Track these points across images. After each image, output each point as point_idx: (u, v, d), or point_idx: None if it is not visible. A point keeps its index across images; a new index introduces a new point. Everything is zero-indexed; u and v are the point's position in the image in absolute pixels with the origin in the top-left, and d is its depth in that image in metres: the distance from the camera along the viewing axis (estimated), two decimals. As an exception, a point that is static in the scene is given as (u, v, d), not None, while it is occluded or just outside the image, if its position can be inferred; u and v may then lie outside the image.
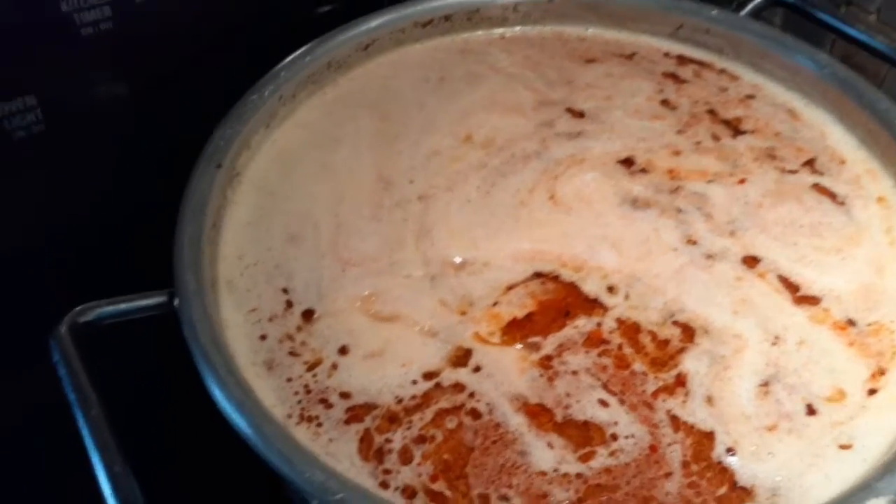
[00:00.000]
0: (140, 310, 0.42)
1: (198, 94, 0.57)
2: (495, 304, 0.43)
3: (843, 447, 0.37)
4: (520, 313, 0.43)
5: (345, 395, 0.39)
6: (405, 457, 0.37)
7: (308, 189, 0.49)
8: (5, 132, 0.51)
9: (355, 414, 0.39)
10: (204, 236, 0.44)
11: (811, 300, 0.43)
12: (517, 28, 0.61)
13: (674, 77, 0.57)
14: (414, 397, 0.39)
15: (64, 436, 0.38)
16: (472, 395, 0.39)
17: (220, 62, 0.57)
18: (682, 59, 0.58)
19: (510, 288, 0.44)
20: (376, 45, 0.58)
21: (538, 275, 0.44)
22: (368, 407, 0.39)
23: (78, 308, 0.41)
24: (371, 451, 0.37)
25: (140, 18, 0.53)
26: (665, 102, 0.55)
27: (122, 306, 0.42)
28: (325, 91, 0.56)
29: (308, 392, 0.40)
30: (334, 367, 0.41)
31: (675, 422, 0.38)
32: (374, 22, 0.57)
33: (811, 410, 0.38)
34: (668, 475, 0.36)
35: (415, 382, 0.40)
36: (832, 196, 0.48)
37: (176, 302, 0.40)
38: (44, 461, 0.53)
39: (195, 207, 0.44)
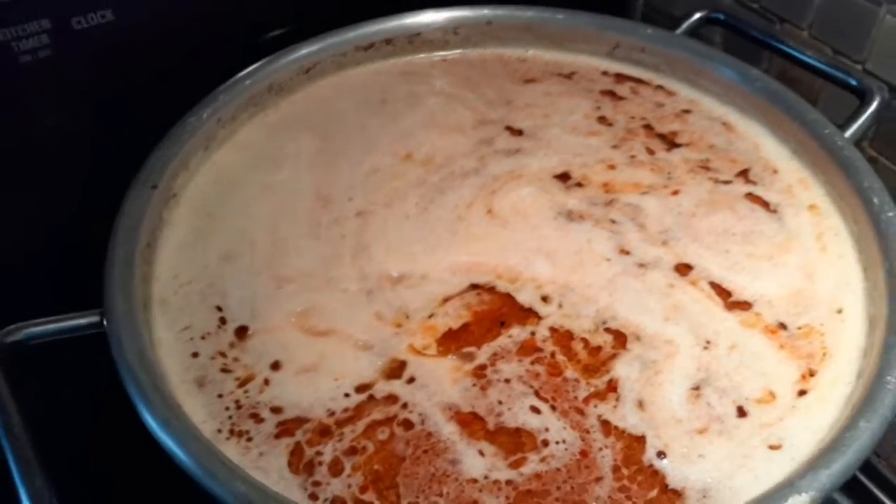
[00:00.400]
0: (70, 330, 0.42)
1: (140, 120, 0.57)
2: (431, 315, 0.43)
3: (773, 447, 0.37)
4: (455, 324, 0.43)
5: (276, 410, 0.39)
6: (335, 469, 0.37)
7: (246, 209, 0.49)
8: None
9: (286, 428, 0.38)
10: (137, 256, 0.43)
11: (743, 305, 0.43)
12: (458, 51, 0.62)
13: (611, 94, 0.58)
14: (346, 410, 0.39)
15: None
16: (404, 405, 0.39)
17: (165, 89, 0.57)
18: (620, 77, 0.59)
19: (446, 300, 0.44)
20: (318, 69, 0.58)
21: (475, 287, 0.44)
22: (300, 421, 0.39)
23: (5, 328, 0.40)
24: (301, 463, 0.37)
25: (79, 45, 0.53)
26: (602, 119, 0.56)
27: (52, 326, 0.41)
28: (266, 113, 0.56)
29: (239, 407, 0.39)
30: (266, 382, 0.40)
31: (606, 427, 0.38)
32: (316, 46, 0.58)
33: (742, 412, 0.39)
34: (598, 480, 0.36)
35: (347, 395, 0.39)
36: (765, 205, 0.49)
37: (105, 321, 0.40)
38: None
39: (128, 227, 0.44)
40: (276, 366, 0.41)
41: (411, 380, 0.40)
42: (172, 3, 0.56)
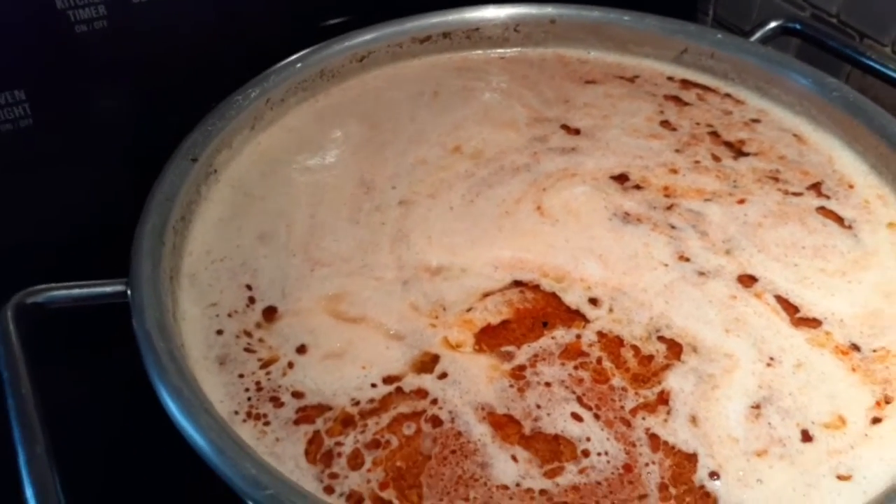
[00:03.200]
0: (94, 297, 0.40)
1: (193, 96, 0.56)
2: (469, 309, 0.40)
3: (842, 478, 0.33)
4: (494, 320, 0.40)
5: (297, 395, 0.37)
6: (355, 462, 0.34)
7: (286, 191, 0.48)
8: (-8, 124, 0.51)
9: (306, 415, 0.36)
10: (169, 227, 0.42)
11: (811, 322, 0.39)
12: (517, 49, 0.59)
13: (676, 99, 0.55)
14: (372, 401, 0.36)
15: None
16: (434, 401, 0.36)
17: (218, 65, 0.56)
18: (686, 83, 0.56)
19: (487, 295, 0.41)
20: (372, 58, 0.57)
21: (518, 283, 0.42)
22: (321, 408, 0.36)
23: (29, 289, 0.39)
24: (319, 453, 0.34)
25: (136, 18, 0.53)
26: (665, 123, 0.52)
27: (75, 291, 0.40)
28: (316, 99, 0.55)
29: (259, 389, 0.37)
30: (290, 365, 0.38)
31: (655, 441, 0.34)
32: (371, 35, 0.57)
33: (807, 436, 0.35)
34: (642, 497, 0.33)
35: (374, 386, 0.37)
36: (839, 220, 0.45)
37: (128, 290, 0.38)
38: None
39: (161, 197, 0.43)
40: (301, 349, 0.39)
41: (443, 375, 0.37)
42: (229, -17, 0.55)
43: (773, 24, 0.58)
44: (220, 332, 0.39)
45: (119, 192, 0.54)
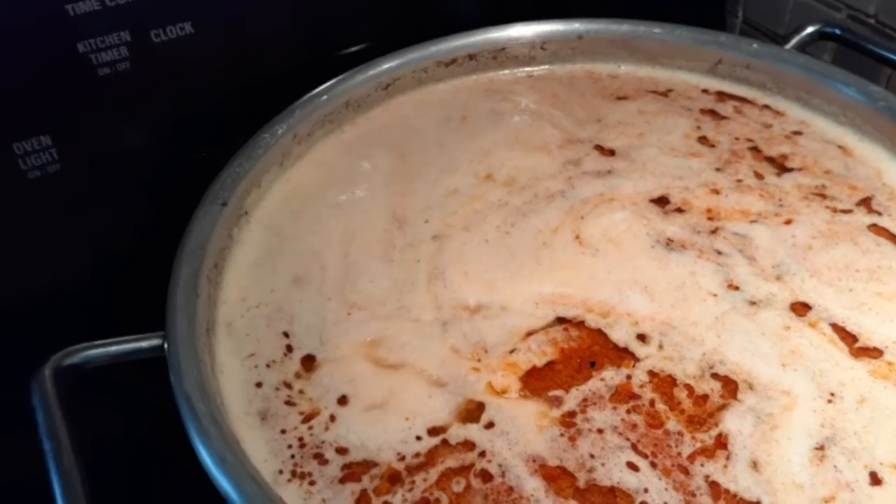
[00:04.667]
0: (131, 353, 0.39)
1: (216, 135, 0.56)
2: (512, 351, 0.39)
3: (917, 524, 0.31)
4: (539, 362, 0.38)
5: (341, 451, 0.36)
6: (404, 522, 0.33)
7: (318, 229, 0.47)
8: (21, 171, 0.50)
9: (352, 472, 0.35)
10: (202, 277, 0.41)
11: (872, 352, 0.38)
12: (545, 67, 0.58)
13: (713, 113, 0.53)
14: (418, 455, 0.35)
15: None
16: (482, 454, 0.35)
17: (241, 103, 0.56)
18: (722, 96, 0.54)
19: (529, 334, 0.40)
20: (397, 85, 0.56)
21: (561, 320, 0.40)
22: (367, 465, 0.35)
23: (65, 350, 0.39)
24: (367, 514, 0.33)
25: (157, 59, 0.52)
26: (703, 139, 0.51)
27: (112, 349, 0.39)
28: (342, 130, 0.54)
29: (302, 446, 0.36)
30: (332, 418, 0.37)
31: (715, 489, 0.33)
32: (396, 61, 0.55)
33: (876, 479, 0.33)
34: (706, 552, 0.31)
35: (419, 438, 0.36)
36: (892, 237, 0.43)
37: (165, 345, 0.37)
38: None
39: (193, 247, 0.42)
40: (342, 400, 0.38)
41: (490, 425, 0.36)
42: (251, 16, 0.54)
43: (810, 30, 0.56)
44: (259, 385, 0.39)
45: (150, 234, 0.54)
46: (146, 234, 0.55)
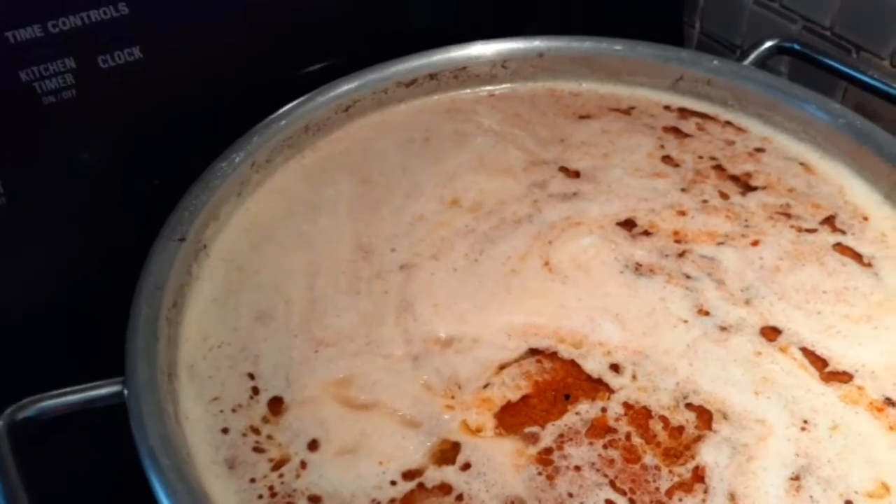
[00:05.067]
0: (89, 401, 0.38)
1: (170, 163, 0.54)
2: (486, 385, 0.38)
3: (893, 553, 0.32)
4: (514, 396, 0.38)
5: (314, 499, 0.35)
6: (382, 574, 0.32)
7: (281, 261, 0.45)
8: (-35, 206, 0.48)
9: (326, 522, 0.34)
10: (161, 319, 0.39)
11: (842, 376, 0.38)
12: (506, 85, 0.57)
13: (675, 131, 0.53)
14: (393, 501, 0.34)
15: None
16: (459, 497, 0.34)
17: (195, 129, 0.54)
18: (684, 112, 0.55)
19: (503, 367, 0.39)
20: (358, 107, 0.55)
21: (534, 351, 0.40)
22: (341, 513, 0.34)
23: (17, 403, 0.37)
24: (343, 567, 0.32)
25: (105, 85, 0.50)
26: (667, 159, 0.51)
27: (70, 398, 0.38)
28: (303, 155, 0.52)
29: (273, 495, 0.35)
30: (303, 465, 0.36)
31: (695, 525, 0.33)
32: (355, 83, 0.54)
33: (852, 509, 0.33)
34: (688, 592, 0.31)
35: (394, 483, 0.35)
36: (857, 257, 0.44)
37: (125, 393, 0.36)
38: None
39: (151, 286, 0.40)
40: (313, 445, 0.37)
41: (466, 466, 0.35)
42: (202, 40, 0.52)
43: (768, 44, 0.56)
44: (226, 431, 0.37)
45: (103, 268, 0.52)
46: (99, 267, 0.53)
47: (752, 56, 0.56)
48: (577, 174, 0.50)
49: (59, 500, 0.35)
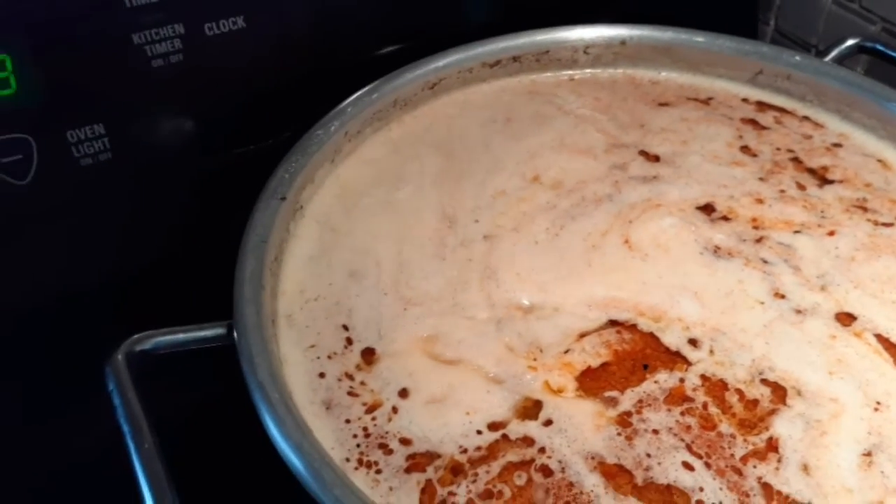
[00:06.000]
0: (198, 341, 0.41)
1: (266, 129, 0.57)
2: (567, 351, 0.40)
3: (962, 529, 0.33)
4: (594, 363, 0.40)
5: (405, 442, 0.37)
6: (470, 513, 0.34)
7: (371, 226, 0.48)
8: (74, 158, 0.51)
9: (416, 462, 0.36)
10: (266, 269, 0.42)
11: (915, 363, 0.39)
12: (587, 70, 0.59)
13: (753, 123, 0.54)
14: (479, 448, 0.37)
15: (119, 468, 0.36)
16: (542, 450, 0.36)
17: (289, 98, 0.57)
18: (762, 105, 0.56)
19: (583, 336, 0.41)
20: (443, 85, 0.57)
21: (613, 323, 0.42)
22: (430, 456, 0.36)
23: (135, 336, 0.40)
24: (434, 503, 0.35)
25: (210, 52, 0.53)
26: (745, 149, 0.52)
27: (180, 336, 0.40)
28: (390, 128, 0.55)
29: (367, 436, 0.37)
30: (395, 410, 0.38)
31: (768, 490, 0.35)
32: (442, 61, 0.56)
33: (922, 486, 0.35)
34: (761, 550, 0.33)
35: (480, 433, 0.37)
36: (932, 252, 0.45)
37: (235, 335, 0.39)
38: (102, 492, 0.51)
39: (257, 240, 0.43)
40: (403, 393, 0.39)
41: (548, 422, 0.37)
42: (303, 12, 0.55)
43: (849, 43, 0.57)
44: (322, 375, 0.40)
45: (194, 227, 0.55)
46: (192, 223, 0.56)
47: (833, 54, 0.57)
48: (656, 158, 0.52)
49: (172, 429, 0.38)
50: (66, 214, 0.52)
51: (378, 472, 0.36)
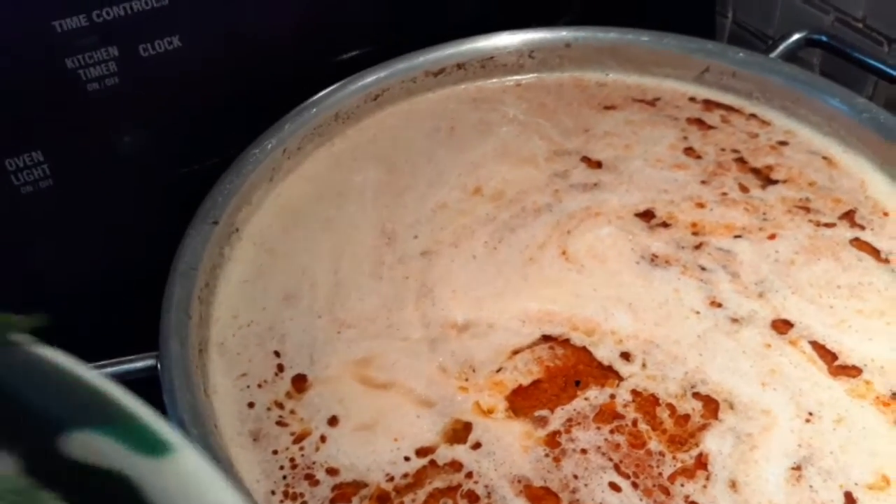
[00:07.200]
0: (125, 373, 0.40)
1: (211, 147, 0.56)
2: (499, 370, 0.40)
3: (889, 544, 0.32)
4: (525, 381, 0.39)
5: (332, 472, 0.37)
6: (393, 544, 0.34)
7: (309, 245, 0.47)
8: (14, 186, 0.51)
9: (342, 493, 0.36)
10: (194, 297, 0.42)
11: (850, 371, 0.39)
12: (533, 75, 0.58)
13: (699, 123, 0.53)
14: (406, 475, 0.36)
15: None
16: (469, 475, 0.36)
17: (232, 116, 0.56)
18: (709, 104, 0.55)
19: (516, 352, 0.41)
20: (386, 96, 0.56)
21: (547, 338, 0.41)
22: (357, 485, 0.36)
23: (60, 373, 0.39)
24: (357, 535, 0.34)
25: (146, 73, 0.52)
26: (689, 150, 0.51)
27: (108, 370, 0.40)
28: (332, 143, 0.54)
29: (294, 467, 0.37)
30: (322, 439, 0.38)
31: (695, 510, 0.34)
32: (385, 72, 0.56)
33: (850, 500, 0.34)
34: (685, 573, 0.32)
35: (407, 459, 0.37)
36: (874, 252, 0.44)
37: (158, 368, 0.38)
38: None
39: (185, 267, 0.43)
40: (333, 421, 0.39)
41: (477, 445, 0.37)
42: (239, 29, 0.54)
43: (796, 37, 0.56)
44: (251, 405, 0.40)
45: (139, 248, 0.55)
46: (136, 247, 0.55)
47: (780, 48, 0.56)
48: (598, 164, 0.51)
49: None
50: (6, 245, 0.52)
51: (303, 503, 0.36)
